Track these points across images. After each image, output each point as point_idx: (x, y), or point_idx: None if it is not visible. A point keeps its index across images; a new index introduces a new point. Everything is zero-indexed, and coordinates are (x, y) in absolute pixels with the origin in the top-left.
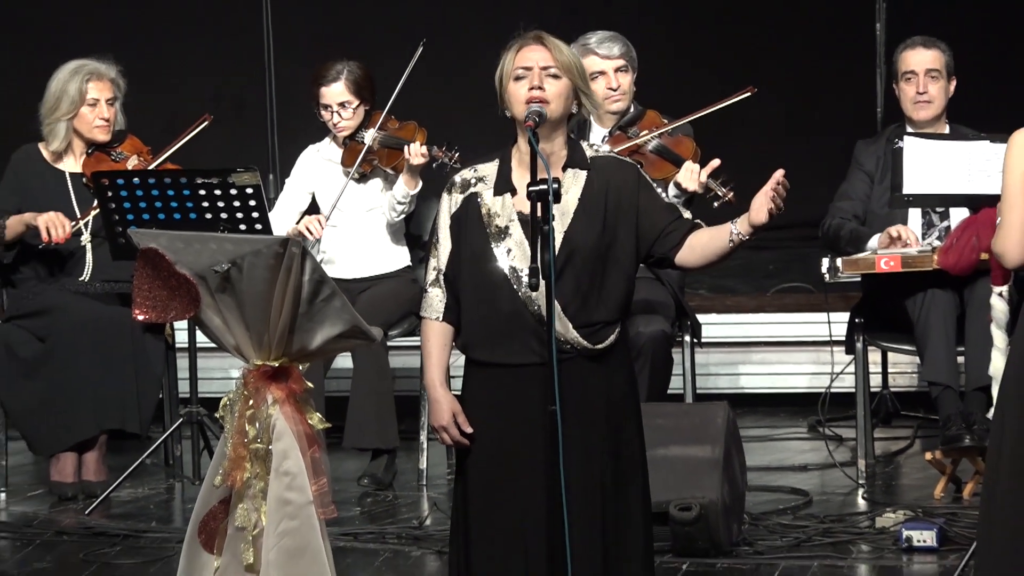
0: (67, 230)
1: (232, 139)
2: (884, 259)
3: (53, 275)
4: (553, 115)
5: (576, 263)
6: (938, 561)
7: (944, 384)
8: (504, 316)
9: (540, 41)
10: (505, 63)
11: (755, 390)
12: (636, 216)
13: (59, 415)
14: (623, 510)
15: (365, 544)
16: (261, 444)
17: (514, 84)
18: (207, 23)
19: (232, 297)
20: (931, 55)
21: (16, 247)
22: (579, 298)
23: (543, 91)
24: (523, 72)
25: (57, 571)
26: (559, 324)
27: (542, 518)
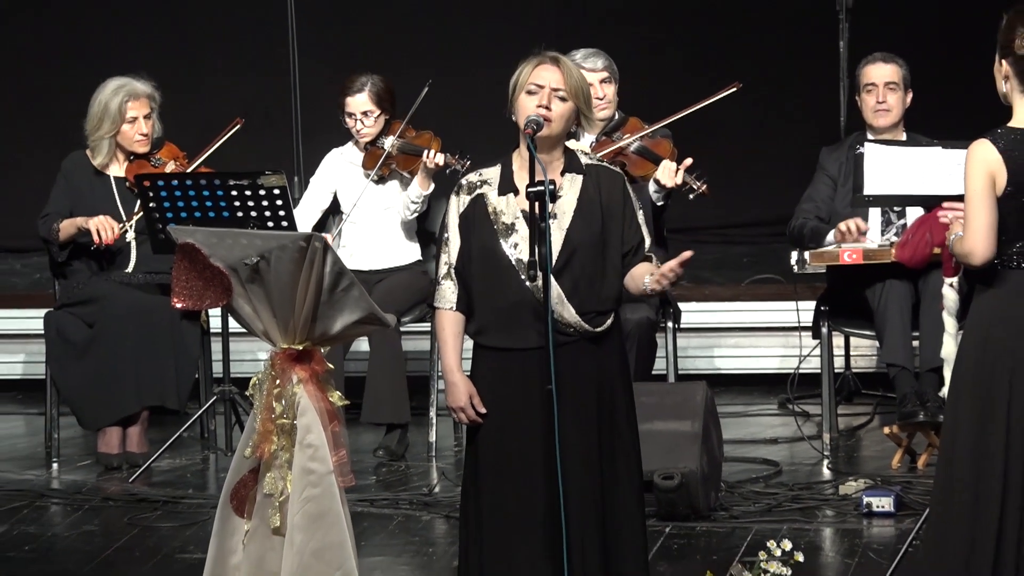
0: (116, 232)
1: (261, 145)
2: (847, 252)
3: (101, 268)
4: (554, 132)
5: (577, 257)
6: (895, 525)
7: (900, 365)
8: (511, 304)
9: (556, 63)
10: (521, 75)
11: (731, 371)
12: (623, 222)
13: (105, 393)
14: (617, 476)
15: (380, 509)
16: (287, 419)
17: (525, 96)
18: (238, 40)
19: (261, 287)
20: (889, 69)
21: (69, 246)
22: (581, 287)
23: (549, 111)
24: (535, 88)
25: (103, 534)
26: (564, 310)
27: (544, 484)
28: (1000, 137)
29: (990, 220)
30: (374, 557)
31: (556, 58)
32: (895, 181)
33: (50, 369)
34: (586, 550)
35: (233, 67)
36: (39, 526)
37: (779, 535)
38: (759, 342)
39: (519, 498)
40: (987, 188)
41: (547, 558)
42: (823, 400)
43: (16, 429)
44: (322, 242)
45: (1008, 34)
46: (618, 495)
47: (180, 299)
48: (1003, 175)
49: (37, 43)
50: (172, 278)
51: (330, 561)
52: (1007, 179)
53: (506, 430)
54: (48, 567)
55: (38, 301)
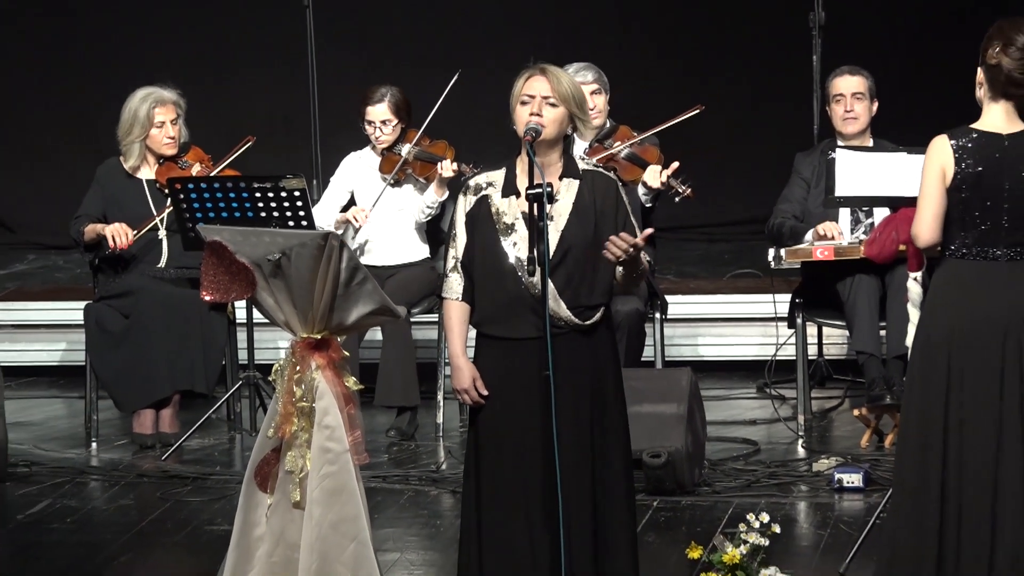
0: (129, 238)
1: (282, 150)
2: (820, 250)
3: (136, 263)
4: (548, 136)
5: (570, 257)
6: (864, 499)
7: (869, 353)
8: (510, 298)
9: (543, 73)
10: (515, 88)
11: (713, 358)
12: (615, 224)
13: (140, 378)
14: (607, 454)
15: (392, 485)
16: (306, 402)
17: (520, 107)
18: (263, 53)
19: (282, 281)
20: (856, 80)
21: (95, 248)
22: (572, 285)
23: (541, 117)
24: (527, 99)
25: (138, 507)
26: (556, 305)
27: (539, 461)
28: (959, 135)
29: (937, 209)
30: (386, 529)
31: (544, 68)
32: (864, 184)
33: (89, 356)
34: (578, 523)
35: (256, 77)
36: (79, 500)
37: (757, 509)
38: (739, 331)
39: (516, 473)
40: (938, 179)
41: (542, 529)
42: (798, 384)
43: (58, 411)
44: (339, 240)
45: (984, 44)
46: (608, 472)
47: (208, 292)
48: (951, 168)
49: (75, 57)
50: (201, 273)
51: (346, 532)
52: (954, 172)
53: (505, 412)
54: (87, 537)
55: (78, 294)
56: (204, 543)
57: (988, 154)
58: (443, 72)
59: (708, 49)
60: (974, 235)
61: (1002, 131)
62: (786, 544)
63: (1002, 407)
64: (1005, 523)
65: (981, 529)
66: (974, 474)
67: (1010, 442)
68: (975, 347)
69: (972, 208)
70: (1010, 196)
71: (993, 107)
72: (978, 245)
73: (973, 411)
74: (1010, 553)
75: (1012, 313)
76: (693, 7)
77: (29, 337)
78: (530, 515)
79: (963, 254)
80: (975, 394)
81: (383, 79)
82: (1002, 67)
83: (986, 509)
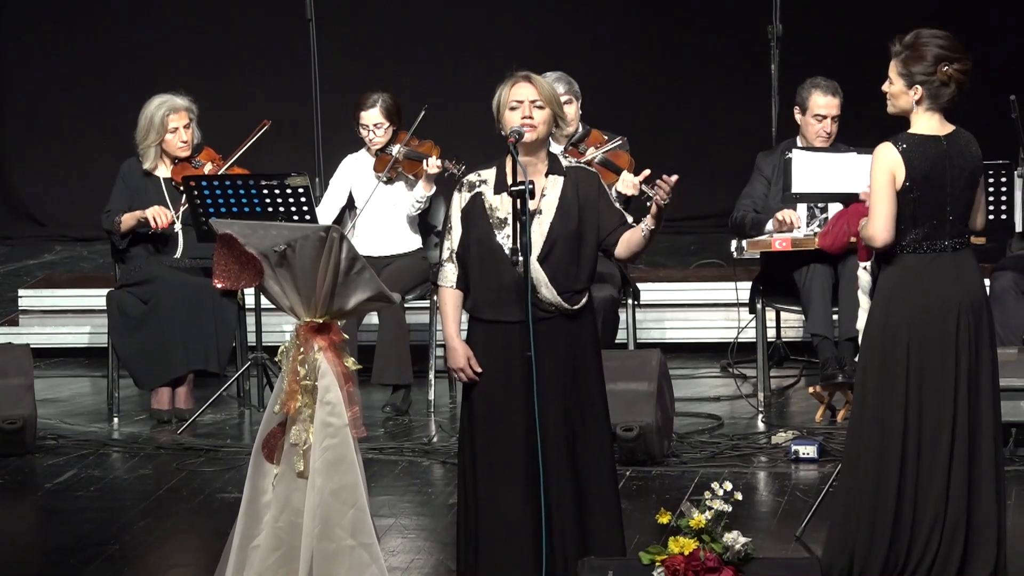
0: (169, 217)
1: (287, 151)
2: (778, 241)
3: (154, 254)
4: (539, 136)
5: (558, 247)
6: (818, 469)
7: (823, 335)
8: (502, 285)
9: (528, 80)
10: (501, 95)
11: (681, 340)
12: (598, 215)
13: (158, 358)
14: (587, 427)
15: (387, 456)
16: (309, 381)
17: (509, 112)
18: (268, 61)
19: (287, 270)
20: (837, 102)
21: (129, 236)
22: (561, 272)
23: (532, 119)
24: (516, 104)
25: (156, 476)
26: (547, 292)
27: (525, 433)
28: (901, 140)
29: (890, 210)
30: (382, 496)
31: (527, 75)
32: (818, 181)
33: (111, 339)
34: (562, 489)
35: (264, 84)
36: (102, 470)
37: (721, 478)
38: (704, 316)
39: (506, 445)
40: (888, 183)
41: (528, 492)
42: (758, 364)
43: (83, 389)
44: (339, 233)
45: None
46: (589, 442)
47: (220, 280)
48: (901, 172)
49: (99, 64)
50: (213, 262)
51: (345, 499)
52: (904, 175)
53: (495, 389)
54: (110, 503)
55: (101, 282)
56: (216, 509)
57: (931, 156)
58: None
59: (675, 58)
60: (923, 231)
61: (938, 133)
62: (747, 510)
63: (956, 385)
64: (953, 490)
65: (935, 495)
66: (931, 446)
67: (961, 413)
68: (931, 331)
69: (921, 206)
70: (952, 192)
71: (928, 114)
72: (927, 239)
73: (931, 390)
74: (955, 516)
75: (961, 297)
76: (661, 19)
77: (56, 321)
78: (517, 478)
79: (915, 248)
80: (933, 374)
81: (377, 86)
82: (953, 82)
83: (941, 477)
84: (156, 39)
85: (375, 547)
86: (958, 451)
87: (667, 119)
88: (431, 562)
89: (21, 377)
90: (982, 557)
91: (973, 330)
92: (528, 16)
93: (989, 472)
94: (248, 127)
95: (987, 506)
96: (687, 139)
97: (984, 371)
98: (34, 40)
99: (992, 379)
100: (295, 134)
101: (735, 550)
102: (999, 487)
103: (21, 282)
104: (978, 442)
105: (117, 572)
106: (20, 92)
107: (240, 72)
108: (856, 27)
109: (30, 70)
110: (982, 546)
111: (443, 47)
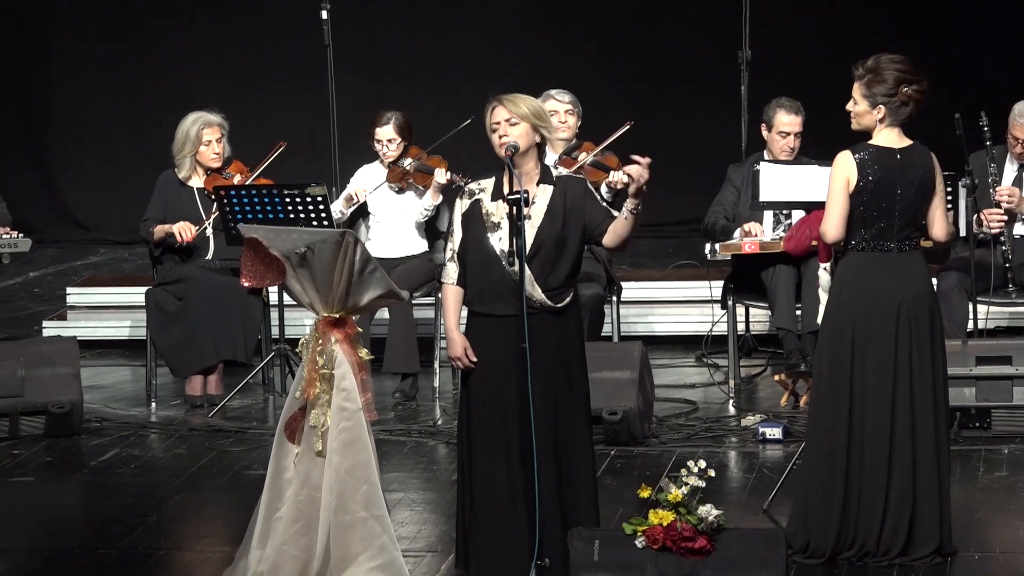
0: (193, 232)
1: (307, 163)
2: (747, 244)
3: (188, 256)
4: (521, 148)
5: (544, 249)
6: (783, 449)
7: (787, 329)
8: (496, 283)
9: (500, 103)
10: (485, 119)
11: (660, 333)
12: (583, 216)
13: (191, 349)
14: (571, 411)
15: (397, 437)
16: (327, 369)
17: (492, 135)
18: (292, 83)
19: (307, 270)
20: (799, 120)
21: (161, 245)
22: (545, 273)
23: (508, 137)
24: (495, 126)
25: (190, 455)
26: (532, 289)
27: (516, 417)
28: (859, 149)
29: (842, 211)
30: (392, 473)
31: (500, 98)
32: (783, 191)
33: (149, 332)
34: (546, 466)
35: (287, 103)
36: (141, 449)
37: (696, 457)
38: (681, 311)
39: (498, 425)
40: (843, 187)
41: (518, 468)
42: (729, 355)
43: (124, 377)
44: (354, 237)
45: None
46: (573, 425)
47: (247, 279)
48: (855, 178)
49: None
50: (241, 263)
51: (359, 476)
52: (856, 180)
53: (489, 376)
54: (148, 480)
55: (141, 281)
56: (243, 484)
57: (884, 165)
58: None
59: (654, 79)
60: (872, 232)
61: (894, 146)
62: (720, 486)
63: (896, 371)
64: (895, 468)
65: (879, 473)
66: (874, 427)
67: (902, 398)
68: (874, 322)
69: (871, 210)
70: (901, 199)
71: (888, 130)
72: (875, 240)
73: (874, 375)
74: (899, 493)
75: (903, 293)
76: (643, 44)
77: (100, 316)
78: (509, 455)
79: (863, 247)
80: (875, 361)
81: (390, 104)
82: (912, 101)
83: (883, 456)
84: (190, 62)
85: (386, 519)
86: (899, 434)
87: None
88: (436, 532)
89: (69, 366)
90: (928, 531)
91: (915, 323)
92: (523, 41)
93: (932, 453)
94: (272, 142)
95: (931, 485)
96: (665, 152)
97: (926, 361)
98: (80, 63)
99: (938, 368)
100: (314, 148)
101: (708, 521)
102: (942, 467)
103: (69, 281)
104: (920, 426)
105: (154, 541)
106: (67, 110)
107: (265, 92)
108: (819, 52)
109: (76, 90)
110: (928, 521)
111: (446, 69)
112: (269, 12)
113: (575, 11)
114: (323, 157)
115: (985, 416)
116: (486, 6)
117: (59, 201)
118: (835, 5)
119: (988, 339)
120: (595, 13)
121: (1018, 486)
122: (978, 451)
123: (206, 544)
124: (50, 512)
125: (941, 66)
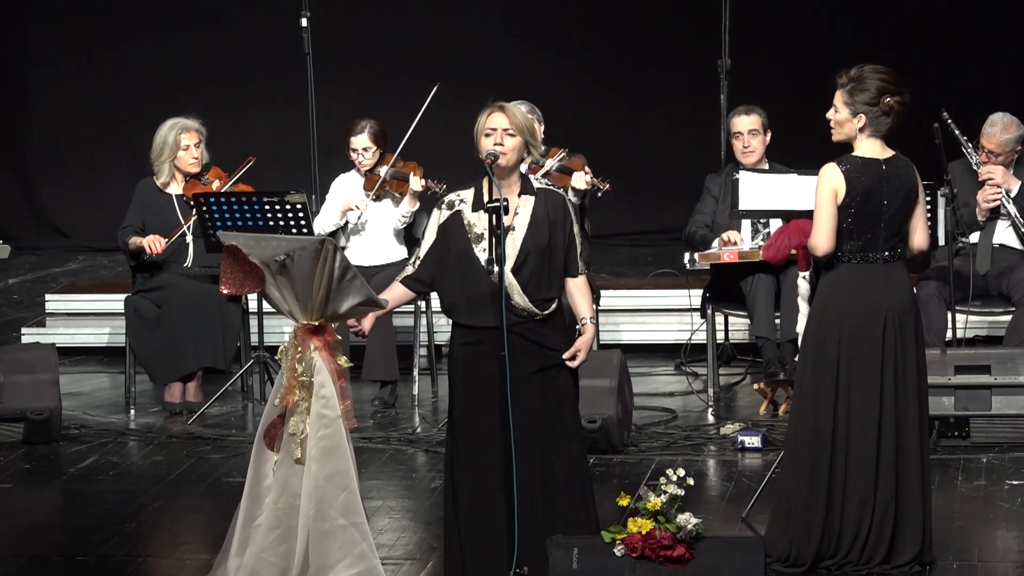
0: (162, 245)
1: (287, 171)
2: (726, 253)
3: (167, 263)
4: (508, 162)
5: (529, 260)
6: (762, 457)
7: (766, 337)
8: (480, 294)
9: (502, 110)
10: (479, 123)
11: (639, 341)
12: (564, 234)
13: (170, 356)
14: (558, 419)
15: (376, 445)
16: (306, 377)
17: (484, 139)
18: (272, 91)
19: (286, 278)
20: (751, 119)
21: (138, 257)
22: (532, 283)
23: (503, 146)
24: (490, 131)
25: (168, 462)
26: (520, 299)
27: (498, 425)
28: (845, 162)
29: (831, 223)
30: (371, 480)
31: (502, 106)
32: (762, 200)
33: (129, 339)
34: (532, 473)
35: (267, 111)
36: (120, 456)
37: (675, 465)
38: (660, 320)
39: (482, 434)
40: (831, 199)
41: (500, 475)
42: (708, 363)
43: (103, 384)
44: (333, 245)
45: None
46: (560, 432)
47: (226, 286)
48: (843, 190)
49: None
50: (220, 270)
51: (338, 484)
52: (845, 193)
53: (474, 387)
54: (127, 487)
55: (120, 288)
56: (222, 492)
57: (870, 176)
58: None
59: (633, 89)
60: (859, 243)
61: (878, 157)
62: (699, 494)
63: (883, 381)
64: (881, 477)
65: (863, 481)
66: (859, 436)
67: (888, 408)
68: (861, 332)
69: (859, 221)
70: (887, 210)
71: (870, 140)
72: (862, 251)
73: (860, 385)
74: (883, 502)
75: (889, 304)
76: (621, 53)
77: (80, 323)
78: (492, 464)
79: (850, 258)
80: (862, 371)
81: (365, 113)
82: (893, 112)
83: (869, 464)
84: (170, 70)
85: (364, 526)
86: (885, 443)
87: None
88: (415, 540)
89: (47, 373)
90: (909, 539)
91: (900, 334)
92: (501, 51)
93: (915, 462)
94: (251, 151)
95: (913, 493)
96: (644, 162)
97: (910, 371)
98: (59, 70)
99: (922, 378)
100: (293, 156)
101: (687, 530)
102: (924, 476)
103: (48, 288)
104: (904, 435)
105: (133, 548)
106: (47, 117)
107: (245, 100)
108: (796, 63)
109: (55, 97)
110: (909, 530)
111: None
112: (249, 21)
113: (553, 21)
114: (303, 165)
115: (964, 425)
116: (464, 17)
117: (38, 208)
118: (815, 15)
119: (967, 348)
120: (573, 23)
121: (996, 495)
122: (957, 460)
123: (185, 551)
124: (28, 519)
125: (918, 75)
